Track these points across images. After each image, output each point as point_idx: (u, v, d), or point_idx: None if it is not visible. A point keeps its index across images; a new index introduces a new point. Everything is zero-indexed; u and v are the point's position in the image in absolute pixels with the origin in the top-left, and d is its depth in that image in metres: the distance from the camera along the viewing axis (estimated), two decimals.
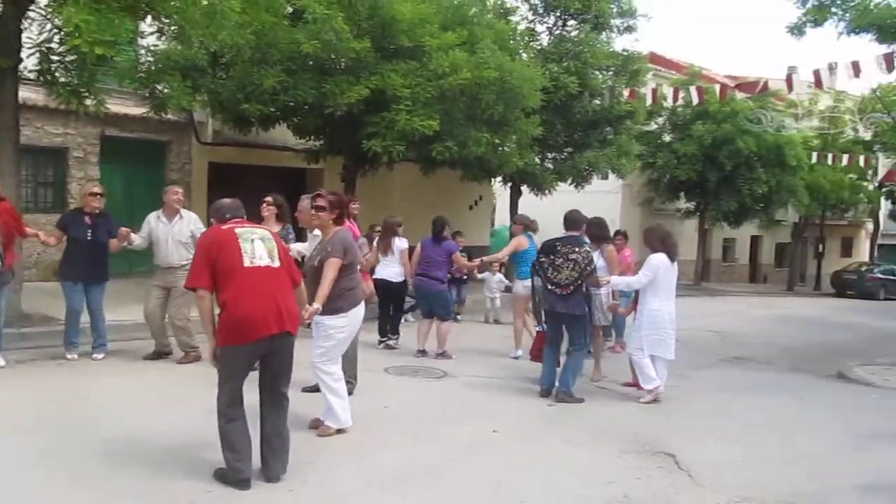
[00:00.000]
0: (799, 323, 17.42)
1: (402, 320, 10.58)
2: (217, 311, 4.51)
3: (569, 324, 7.44)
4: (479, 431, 6.07)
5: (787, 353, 12.07)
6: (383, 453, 5.34)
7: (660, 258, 7.51)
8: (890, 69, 12.36)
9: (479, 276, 11.81)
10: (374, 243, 10.01)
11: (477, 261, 10.77)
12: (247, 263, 4.48)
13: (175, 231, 8.04)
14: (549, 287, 7.42)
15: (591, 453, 5.69)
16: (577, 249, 7.37)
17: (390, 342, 9.79)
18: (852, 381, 9.76)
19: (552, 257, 7.44)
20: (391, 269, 9.75)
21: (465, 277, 12.41)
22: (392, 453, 5.36)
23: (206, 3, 8.79)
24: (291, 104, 11.93)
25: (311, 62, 11.65)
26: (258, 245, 4.58)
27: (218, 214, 4.87)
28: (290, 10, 11.61)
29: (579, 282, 7.26)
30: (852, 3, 11.22)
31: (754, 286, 33.83)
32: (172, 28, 9.45)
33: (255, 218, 5.97)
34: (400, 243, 9.84)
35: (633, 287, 7.91)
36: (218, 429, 4.49)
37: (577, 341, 7.43)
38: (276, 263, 4.59)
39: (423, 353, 9.31)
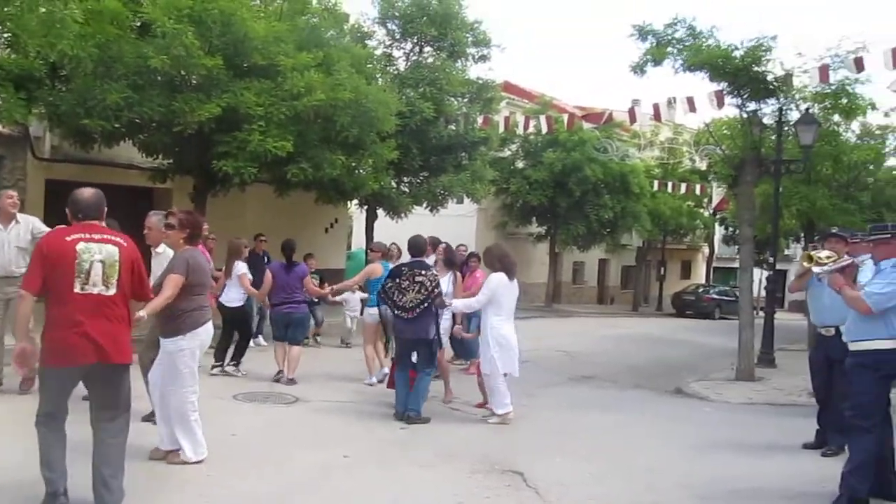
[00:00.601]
0: (642, 342, 18.30)
1: (252, 344, 10.30)
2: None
3: (417, 348, 7.50)
4: (329, 457, 5.97)
5: (630, 371, 12.63)
6: (228, 483, 5.15)
7: (498, 277, 7.61)
8: (720, 105, 13.26)
9: (338, 298, 11.65)
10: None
11: (328, 288, 10.67)
12: (77, 289, 4.19)
13: (12, 237, 7.41)
14: (396, 312, 7.51)
15: (441, 475, 5.71)
16: (423, 273, 7.48)
17: (227, 368, 9.39)
18: (689, 396, 10.32)
19: (398, 281, 7.51)
20: (230, 294, 9.54)
21: (316, 301, 12.21)
22: (237, 482, 5.18)
23: (43, 10, 8.31)
24: (137, 121, 11.42)
25: (159, 78, 11.20)
26: (96, 268, 4.27)
27: (71, 209, 4.45)
28: (137, 23, 11.15)
29: (425, 304, 7.34)
30: (687, 44, 11.97)
31: (602, 307, 35.30)
32: (6, 35, 8.85)
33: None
34: (239, 267, 9.63)
35: (472, 308, 7.99)
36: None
37: (424, 365, 7.48)
38: (111, 291, 4.29)
39: (283, 374, 9.06)
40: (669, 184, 27.96)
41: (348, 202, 19.29)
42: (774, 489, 5.61)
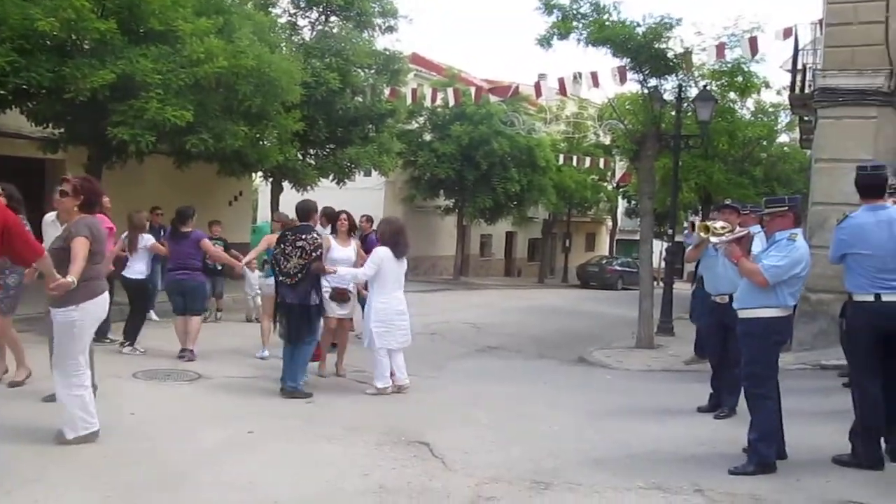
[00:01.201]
0: (547, 313, 18.67)
1: (148, 319, 9.99)
2: None
3: (298, 314, 7.35)
4: (233, 434, 5.86)
5: (535, 342, 12.88)
6: (126, 464, 4.98)
7: (384, 251, 7.55)
8: (623, 81, 13.56)
9: (238, 271, 11.37)
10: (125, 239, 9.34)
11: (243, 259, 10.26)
12: None
13: None
14: (280, 278, 7.44)
15: (347, 448, 5.68)
16: (303, 237, 7.39)
17: (124, 350, 8.98)
18: (592, 365, 10.60)
19: (283, 247, 7.43)
20: (134, 267, 9.25)
21: (220, 268, 11.87)
22: (136, 464, 5.01)
23: None
24: (25, 87, 10.84)
25: (48, 42, 10.64)
26: None
27: None
28: None
29: (306, 270, 7.28)
30: (591, 19, 12.14)
31: (510, 279, 35.83)
32: None
33: None
34: (146, 239, 9.35)
35: (359, 279, 7.89)
36: None
37: (304, 334, 7.37)
38: None
39: (186, 351, 8.83)
40: (574, 158, 28.50)
41: (252, 174, 18.89)
42: (670, 451, 5.81)
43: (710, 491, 4.83)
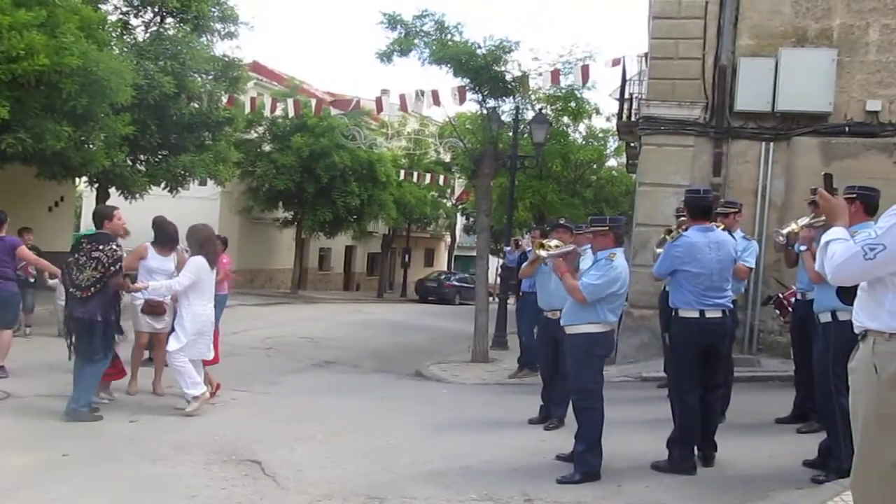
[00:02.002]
0: (385, 327, 18.69)
1: None
2: None
3: (82, 331, 6.68)
4: (46, 458, 5.44)
5: (372, 356, 12.85)
6: None
7: (200, 261, 7.21)
8: (462, 100, 13.85)
9: (51, 282, 10.58)
10: None
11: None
12: None
13: None
14: (70, 290, 6.72)
15: (174, 468, 5.42)
16: (100, 247, 6.67)
17: None
18: (427, 379, 10.69)
19: (76, 256, 6.71)
20: None
21: (32, 280, 11.03)
22: None
23: None
24: None
25: None
26: None
27: None
28: None
29: (101, 284, 6.64)
30: (434, 38, 12.35)
31: (349, 293, 35.65)
32: None
33: None
34: None
35: (174, 290, 7.32)
36: None
37: (90, 352, 6.68)
38: None
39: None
40: (415, 174, 28.79)
41: (76, 179, 17.74)
42: (503, 462, 5.95)
43: (539, 500, 4.98)
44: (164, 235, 7.92)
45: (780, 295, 7.73)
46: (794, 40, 10.75)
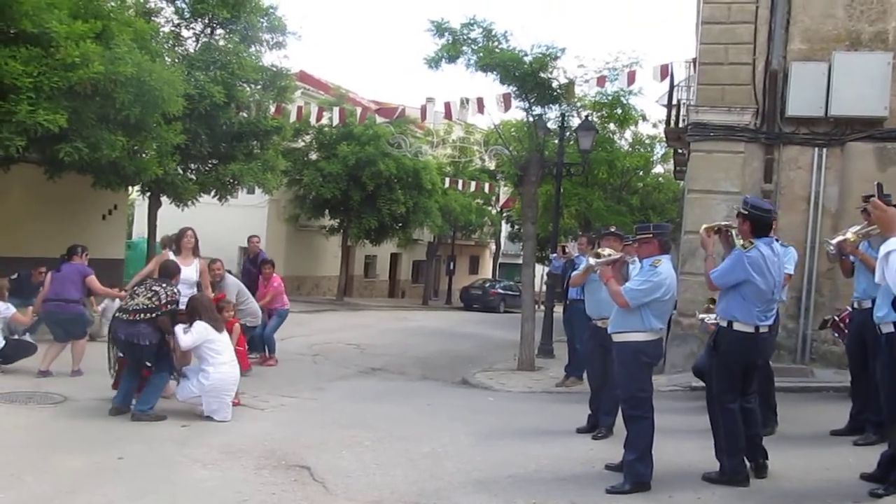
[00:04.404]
0: (431, 335, 18.71)
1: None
2: None
3: (128, 350, 7.09)
4: (101, 460, 5.56)
5: (418, 363, 12.87)
6: None
7: (205, 327, 7.23)
8: (507, 108, 13.86)
9: (98, 308, 11.11)
10: None
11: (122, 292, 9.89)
12: None
13: None
14: (117, 313, 7.23)
15: (225, 473, 5.49)
16: (163, 284, 7.30)
17: None
18: (473, 386, 10.66)
19: (136, 288, 7.42)
20: None
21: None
22: None
23: None
24: None
25: None
26: None
27: None
28: None
29: (151, 314, 7.00)
30: (481, 45, 12.37)
31: (394, 301, 35.78)
32: None
33: None
34: (4, 309, 9.01)
35: (189, 347, 7.35)
36: None
37: (139, 369, 7.15)
38: None
39: (47, 373, 8.48)
40: (460, 181, 28.82)
41: (129, 188, 18.12)
42: (550, 472, 5.90)
43: None
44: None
45: (836, 317, 7.54)
46: (848, 44, 10.52)
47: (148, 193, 18.44)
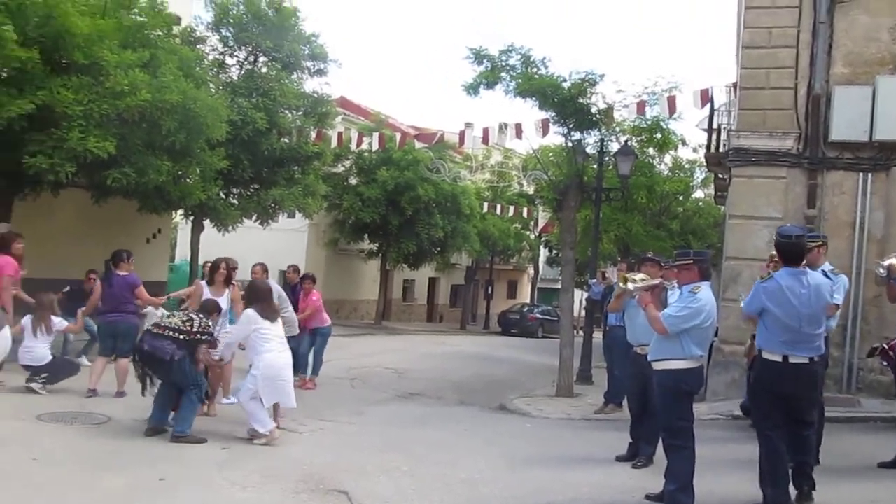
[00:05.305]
0: (469, 359, 18.67)
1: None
2: None
3: (148, 362, 7.18)
4: (142, 480, 5.64)
5: (456, 388, 12.84)
6: None
7: (250, 313, 7.33)
8: (545, 133, 13.89)
9: (143, 311, 11.23)
10: None
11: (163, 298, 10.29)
12: None
13: None
14: (149, 327, 7.40)
15: (263, 496, 5.53)
16: (200, 314, 7.43)
17: (32, 385, 8.65)
18: (511, 412, 10.60)
19: (174, 312, 7.61)
20: (35, 352, 8.78)
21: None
22: None
23: None
24: None
25: None
26: None
27: None
28: None
29: (179, 335, 7.11)
30: (519, 71, 12.44)
31: (431, 325, 35.78)
32: None
33: None
34: (57, 323, 9.18)
35: (233, 345, 7.78)
36: None
37: (190, 385, 7.19)
38: None
39: (94, 393, 8.63)
40: (498, 206, 28.85)
41: (173, 212, 18.48)
42: (589, 499, 5.85)
43: None
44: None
45: (885, 345, 7.39)
46: (892, 67, 10.38)
47: (191, 217, 18.79)
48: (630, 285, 5.90)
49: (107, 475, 5.70)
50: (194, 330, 7.22)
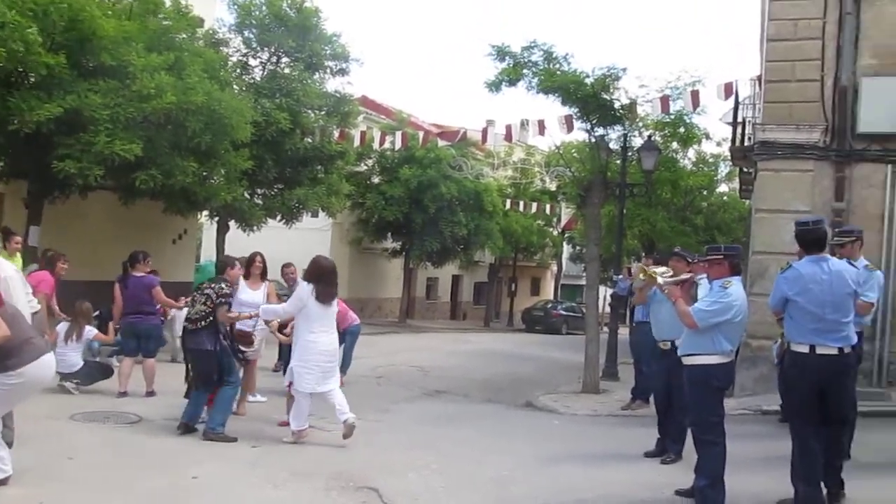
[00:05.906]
0: (494, 357, 18.68)
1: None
2: None
3: (197, 359, 7.30)
4: (176, 479, 5.71)
5: (482, 386, 12.85)
6: None
7: (309, 288, 7.12)
8: (569, 129, 13.83)
9: (169, 316, 11.42)
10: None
11: (182, 300, 10.40)
12: None
13: None
14: (185, 324, 7.55)
15: (295, 494, 5.58)
16: (212, 286, 7.43)
17: (66, 384, 8.85)
18: (538, 409, 10.60)
19: (194, 295, 7.62)
20: (67, 359, 8.82)
21: (163, 319, 11.81)
22: None
23: None
24: None
25: None
26: None
27: None
28: None
29: (210, 317, 7.22)
30: (542, 68, 12.41)
31: (455, 322, 35.80)
32: None
33: None
34: (89, 331, 9.32)
35: (279, 315, 7.67)
36: None
37: (207, 380, 7.23)
38: None
39: (125, 394, 8.77)
40: (521, 203, 28.81)
41: (198, 213, 18.63)
42: (618, 496, 5.84)
43: None
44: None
45: None
46: None
47: (216, 218, 18.92)
48: (660, 279, 5.88)
49: (145, 475, 5.77)
50: (214, 300, 7.28)
